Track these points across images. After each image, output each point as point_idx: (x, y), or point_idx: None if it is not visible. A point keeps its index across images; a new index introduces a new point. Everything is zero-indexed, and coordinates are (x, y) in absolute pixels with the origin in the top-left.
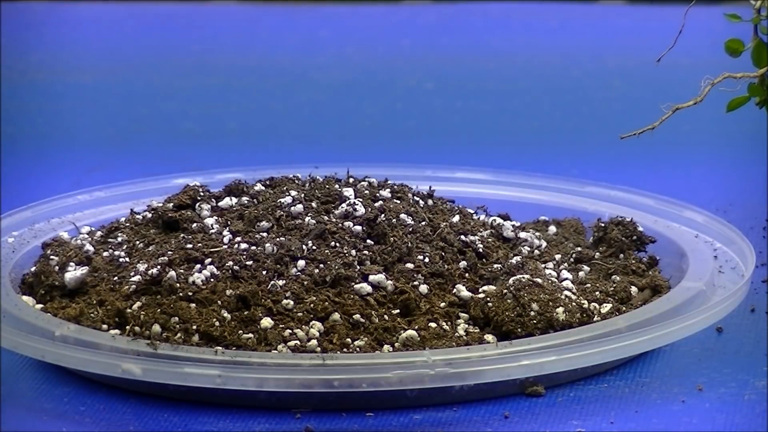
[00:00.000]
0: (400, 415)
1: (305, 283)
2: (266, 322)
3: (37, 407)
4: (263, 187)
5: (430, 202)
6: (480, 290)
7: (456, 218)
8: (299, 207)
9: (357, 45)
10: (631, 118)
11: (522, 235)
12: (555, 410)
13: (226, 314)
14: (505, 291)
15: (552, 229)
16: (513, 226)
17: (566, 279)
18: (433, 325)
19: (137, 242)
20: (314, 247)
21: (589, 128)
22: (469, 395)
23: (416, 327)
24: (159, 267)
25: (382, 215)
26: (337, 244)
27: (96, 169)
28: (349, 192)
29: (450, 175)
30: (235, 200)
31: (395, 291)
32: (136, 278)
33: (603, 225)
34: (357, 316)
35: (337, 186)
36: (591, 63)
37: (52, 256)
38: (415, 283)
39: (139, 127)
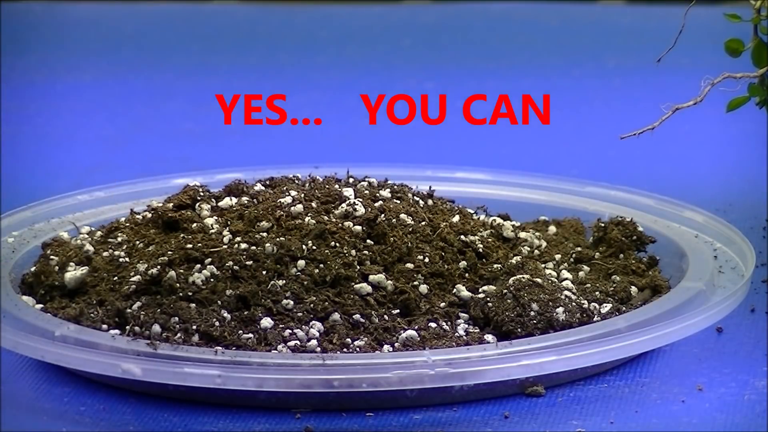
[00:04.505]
0: (400, 415)
1: (305, 283)
2: (266, 322)
3: (37, 407)
4: (263, 187)
5: (430, 202)
6: (480, 290)
7: (456, 218)
8: (299, 207)
9: (357, 45)
10: (631, 118)
11: (522, 235)
12: (555, 410)
13: (226, 314)
14: (505, 291)
15: (552, 229)
16: (513, 226)
17: (566, 279)
18: (433, 325)
19: (137, 242)
20: (314, 247)
21: (588, 128)
22: (469, 395)
23: (416, 327)
24: (159, 267)
25: (382, 215)
26: (337, 244)
27: (96, 169)
28: (349, 192)
29: (450, 175)
30: (235, 200)
31: (395, 291)
32: (136, 278)
33: (603, 225)
34: (357, 316)
35: (337, 186)
36: (591, 63)
37: (52, 256)
38: (415, 283)
39: (139, 127)
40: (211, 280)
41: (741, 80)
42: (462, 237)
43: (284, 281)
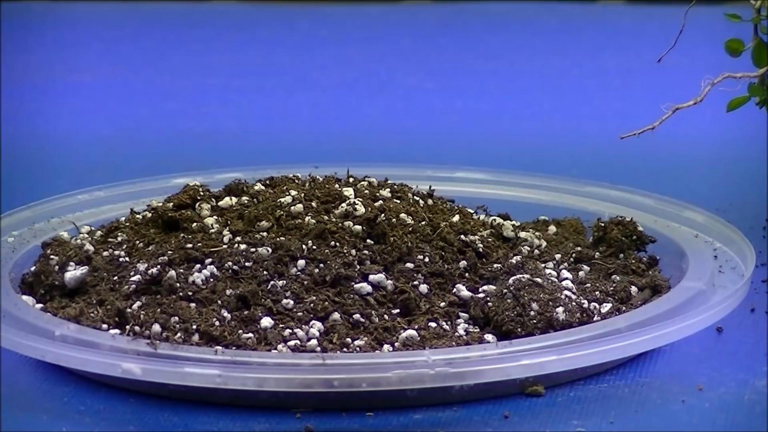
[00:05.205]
0: (400, 415)
1: (305, 282)
2: (266, 321)
3: (37, 407)
4: (263, 187)
5: (430, 201)
6: (480, 290)
7: (456, 218)
8: (299, 207)
9: (357, 45)
10: (631, 118)
11: (522, 234)
12: (555, 410)
13: (226, 314)
14: (505, 291)
15: (552, 228)
16: (513, 225)
17: (566, 279)
18: (433, 324)
19: (137, 242)
20: (314, 247)
21: (588, 128)
22: (469, 395)
23: (416, 327)
24: (159, 267)
25: (382, 215)
26: (337, 244)
27: (96, 169)
28: (349, 192)
29: (450, 175)
30: (235, 200)
31: (395, 291)
32: (136, 278)
33: (603, 225)
34: (357, 316)
35: (337, 186)
36: (591, 63)
37: (52, 256)
38: (415, 282)
39: (139, 127)
40: (211, 279)
41: (741, 80)
42: (462, 237)
43: (284, 281)
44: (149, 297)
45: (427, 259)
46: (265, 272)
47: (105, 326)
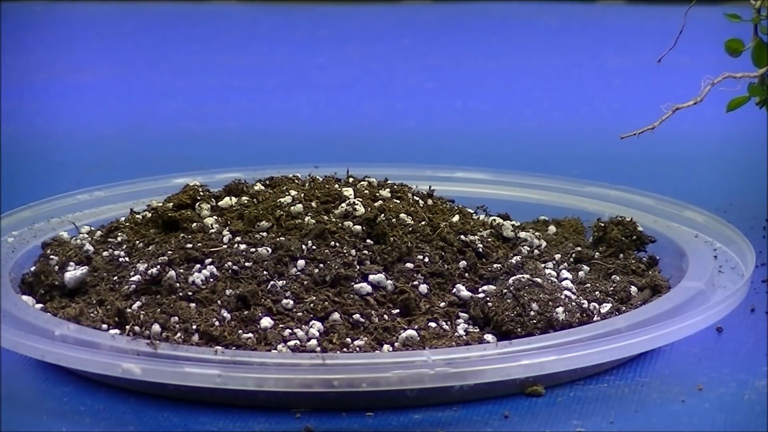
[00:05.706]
0: (400, 415)
1: (305, 282)
2: (266, 321)
3: (37, 407)
4: (263, 187)
5: (429, 201)
6: (480, 290)
7: (456, 218)
8: (299, 207)
9: (357, 45)
10: (631, 118)
11: (522, 234)
12: (555, 410)
13: (225, 314)
14: (504, 291)
15: (552, 228)
16: (513, 225)
17: (566, 279)
18: (432, 324)
19: (137, 242)
20: (314, 247)
21: (588, 128)
22: (469, 395)
23: (416, 327)
24: (159, 267)
25: (382, 215)
26: (337, 244)
27: (96, 169)
28: (348, 192)
29: (450, 175)
30: (235, 200)
31: (395, 291)
32: (136, 278)
33: (603, 225)
34: (357, 316)
35: (336, 186)
36: (591, 63)
37: (51, 256)
38: (415, 282)
39: (139, 127)
40: (211, 279)
41: (741, 80)
42: (462, 237)
43: (284, 281)
44: (149, 297)
45: (427, 259)
46: (265, 272)
47: (105, 326)
